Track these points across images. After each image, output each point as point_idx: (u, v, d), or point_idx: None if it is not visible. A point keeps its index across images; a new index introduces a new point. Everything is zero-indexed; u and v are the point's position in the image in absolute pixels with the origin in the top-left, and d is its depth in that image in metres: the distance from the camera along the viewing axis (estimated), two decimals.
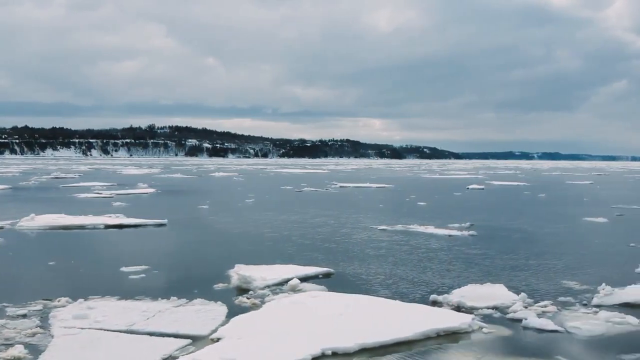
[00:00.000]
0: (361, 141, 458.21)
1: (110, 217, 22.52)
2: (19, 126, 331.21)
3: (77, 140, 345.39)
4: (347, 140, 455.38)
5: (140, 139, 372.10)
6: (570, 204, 34.86)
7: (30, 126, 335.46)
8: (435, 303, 10.47)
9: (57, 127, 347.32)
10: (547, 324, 9.12)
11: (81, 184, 50.47)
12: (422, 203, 33.47)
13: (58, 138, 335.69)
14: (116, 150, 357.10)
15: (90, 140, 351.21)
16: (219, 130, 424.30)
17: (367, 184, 55.58)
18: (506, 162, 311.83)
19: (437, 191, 47.54)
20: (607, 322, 9.35)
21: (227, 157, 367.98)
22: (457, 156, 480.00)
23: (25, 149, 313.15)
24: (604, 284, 11.72)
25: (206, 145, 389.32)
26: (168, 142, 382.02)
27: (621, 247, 17.56)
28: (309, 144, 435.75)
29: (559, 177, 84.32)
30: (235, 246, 17.38)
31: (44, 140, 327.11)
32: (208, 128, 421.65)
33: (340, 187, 51.54)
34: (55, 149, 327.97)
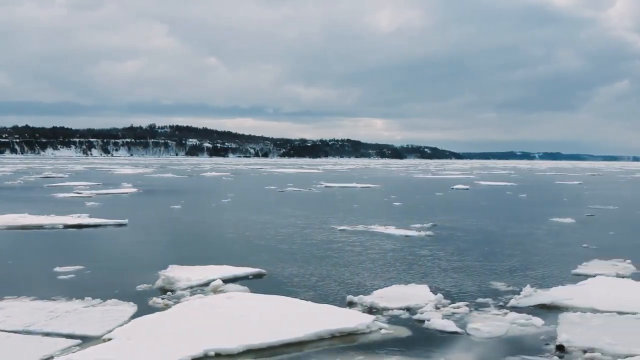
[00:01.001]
0: (362, 141, 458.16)
1: (72, 217, 22.57)
2: (20, 125, 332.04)
3: (77, 140, 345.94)
4: (348, 140, 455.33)
5: (140, 138, 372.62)
6: (547, 204, 34.78)
7: (30, 126, 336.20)
8: (350, 304, 10.48)
9: (58, 126, 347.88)
10: (449, 325, 9.13)
11: (67, 183, 50.56)
12: (397, 203, 33.46)
13: (58, 137, 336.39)
14: (117, 150, 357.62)
15: (91, 140, 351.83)
16: (219, 130, 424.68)
17: (354, 184, 55.61)
18: (506, 162, 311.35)
19: (420, 191, 47.53)
20: (512, 323, 9.35)
21: (228, 156, 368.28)
22: (458, 156, 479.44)
23: (26, 149, 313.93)
24: (528, 286, 11.76)
25: (206, 145, 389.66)
26: (169, 141, 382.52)
27: (572, 248, 17.53)
28: (309, 144, 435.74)
29: (551, 177, 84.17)
30: (181, 246, 17.42)
31: (44, 140, 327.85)
32: (209, 128, 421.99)
33: (326, 187, 51.54)
34: (55, 148, 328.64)
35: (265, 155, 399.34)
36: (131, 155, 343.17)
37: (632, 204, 36.34)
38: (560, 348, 8.15)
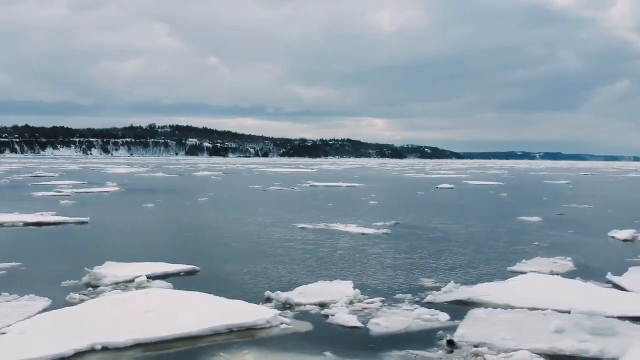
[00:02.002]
0: (362, 141, 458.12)
1: (36, 215, 22.69)
2: (20, 125, 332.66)
3: (77, 140, 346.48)
4: (348, 140, 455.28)
5: (140, 138, 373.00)
6: (523, 203, 34.78)
7: (31, 125, 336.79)
8: (267, 300, 10.55)
9: (58, 126, 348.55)
10: (351, 320, 9.21)
11: (52, 182, 50.73)
12: (373, 202, 33.51)
13: (58, 137, 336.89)
14: (117, 150, 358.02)
15: (91, 140, 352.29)
16: (219, 129, 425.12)
17: (340, 183, 55.68)
18: (506, 162, 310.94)
19: (402, 191, 47.59)
20: (416, 319, 9.43)
21: (228, 156, 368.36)
22: (459, 156, 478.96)
23: (26, 149, 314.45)
24: (452, 282, 11.84)
25: (207, 144, 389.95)
26: (169, 141, 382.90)
27: (522, 247, 17.56)
28: (309, 144, 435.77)
29: (543, 177, 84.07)
30: (128, 244, 17.49)
31: (44, 140, 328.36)
32: (209, 128, 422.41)
33: (311, 186, 51.65)
34: (55, 148, 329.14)
35: (266, 155, 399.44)
36: (131, 155, 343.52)
37: (608, 203, 36.33)
38: (451, 343, 8.21)
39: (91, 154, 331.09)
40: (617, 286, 12.05)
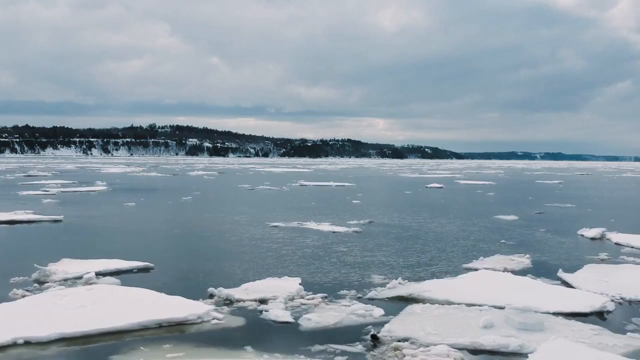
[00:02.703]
0: (362, 141, 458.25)
1: (10, 214, 22.77)
2: (20, 125, 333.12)
3: (77, 140, 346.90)
4: (349, 140, 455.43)
5: (141, 138, 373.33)
6: (506, 203, 34.83)
7: (31, 125, 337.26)
8: (210, 296, 10.61)
9: (58, 126, 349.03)
10: (283, 315, 9.28)
11: (43, 182, 50.80)
12: (356, 201, 33.56)
13: (58, 137, 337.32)
14: (117, 150, 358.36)
15: (91, 140, 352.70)
16: (220, 129, 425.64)
17: (331, 183, 55.78)
18: (506, 162, 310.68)
19: (391, 190, 47.60)
20: (350, 314, 9.49)
21: (228, 156, 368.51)
22: (459, 156, 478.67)
23: (26, 148, 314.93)
24: (400, 278, 11.92)
25: (207, 144, 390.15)
26: (169, 141, 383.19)
27: (487, 244, 17.61)
28: (309, 144, 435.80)
29: (537, 176, 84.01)
30: (92, 241, 17.60)
31: (44, 140, 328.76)
32: (209, 127, 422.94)
33: (300, 185, 51.75)
34: (55, 148, 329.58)
35: (266, 155, 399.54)
36: (131, 155, 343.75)
37: (591, 202, 36.36)
38: (374, 337, 8.27)
39: (91, 154, 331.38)
40: (565, 283, 12.09)
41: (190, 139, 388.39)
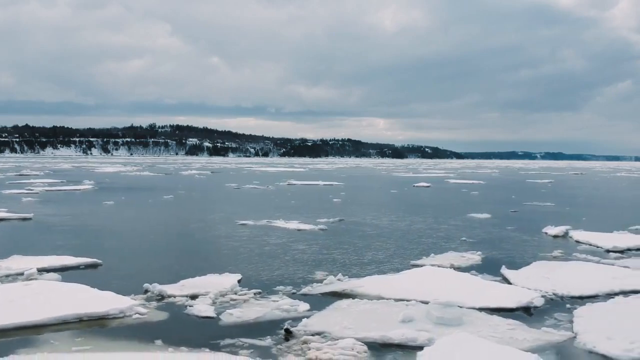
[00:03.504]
0: (363, 140, 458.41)
1: None
2: (20, 125, 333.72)
3: (77, 139, 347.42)
4: (349, 140, 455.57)
5: (141, 138, 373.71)
6: (486, 201, 34.89)
7: (31, 125, 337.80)
8: (145, 291, 10.71)
9: (58, 126, 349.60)
10: (207, 310, 9.38)
11: (31, 181, 50.98)
12: (337, 200, 33.64)
13: (58, 137, 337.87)
14: (117, 150, 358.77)
15: (91, 139, 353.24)
16: (220, 129, 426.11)
17: (319, 182, 55.91)
18: (505, 162, 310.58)
19: (376, 189, 47.68)
20: (274, 309, 9.58)
21: (228, 156, 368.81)
22: (459, 156, 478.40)
23: (26, 148, 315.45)
24: (340, 275, 12.06)
25: (206, 144, 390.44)
26: (169, 141, 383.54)
27: (447, 242, 17.67)
28: (310, 144, 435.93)
29: (530, 176, 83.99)
30: (51, 238, 17.59)
31: (44, 139, 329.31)
32: (209, 127, 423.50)
33: (288, 184, 51.85)
34: (55, 147, 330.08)
35: (266, 154, 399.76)
36: (131, 154, 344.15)
37: (571, 201, 36.43)
38: (287, 331, 8.35)
39: (91, 154, 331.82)
40: (505, 279, 12.17)
41: (190, 139, 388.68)
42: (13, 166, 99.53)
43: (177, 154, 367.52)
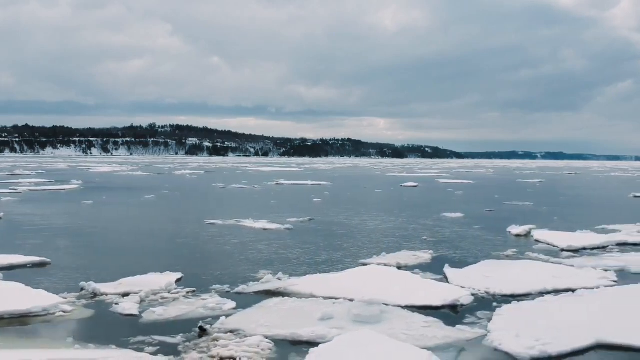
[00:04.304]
0: (363, 140, 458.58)
1: None
2: (20, 125, 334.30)
3: (77, 139, 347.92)
4: (349, 140, 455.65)
5: (140, 137, 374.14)
6: (466, 201, 34.95)
7: (31, 125, 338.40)
8: (81, 289, 10.81)
9: (58, 125, 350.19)
10: (130, 308, 9.48)
11: (21, 180, 51.18)
12: (317, 199, 33.74)
13: (58, 137, 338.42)
14: (116, 149, 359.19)
15: (91, 139, 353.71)
16: (220, 129, 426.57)
17: (308, 182, 56.07)
18: (505, 161, 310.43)
19: (362, 189, 47.76)
20: (199, 307, 9.68)
21: (228, 156, 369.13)
22: (459, 156, 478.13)
23: (26, 148, 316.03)
24: (281, 273, 12.13)
25: (206, 144, 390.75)
26: (169, 141, 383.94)
27: (406, 241, 17.70)
28: (310, 143, 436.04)
29: (523, 175, 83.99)
30: (9, 237, 17.71)
31: (44, 139, 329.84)
32: (209, 127, 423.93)
33: (276, 184, 51.96)
34: (55, 147, 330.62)
35: (266, 154, 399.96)
36: (131, 154, 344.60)
37: (551, 200, 36.48)
38: (202, 329, 8.44)
39: (91, 154, 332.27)
40: (445, 278, 12.21)
41: (190, 139, 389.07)
42: (8, 166, 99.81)
43: (177, 153, 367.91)
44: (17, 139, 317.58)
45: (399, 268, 13.29)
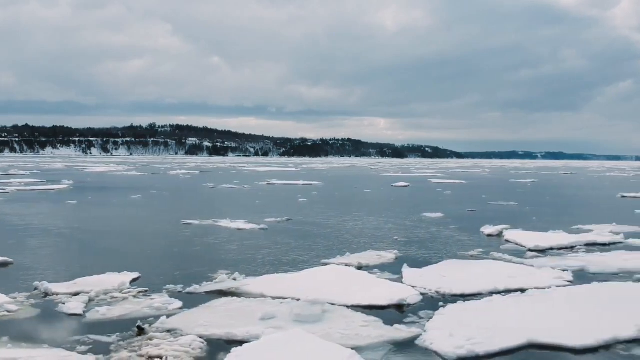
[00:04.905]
0: (363, 140, 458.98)
1: None
2: (20, 125, 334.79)
3: (77, 139, 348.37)
4: (349, 140, 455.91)
5: (140, 137, 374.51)
6: (450, 201, 35.00)
7: (30, 125, 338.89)
8: (35, 289, 10.89)
9: (58, 125, 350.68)
10: (76, 307, 9.57)
11: (12, 180, 51.34)
12: (302, 199, 33.81)
13: (58, 137, 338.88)
14: (116, 149, 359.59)
15: (91, 139, 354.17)
16: (220, 129, 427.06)
17: (300, 181, 56.21)
18: (505, 161, 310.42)
19: (351, 189, 47.83)
20: (145, 307, 9.76)
21: (227, 155, 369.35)
22: (460, 155, 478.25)
23: (26, 148, 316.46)
24: (237, 273, 12.17)
25: (206, 144, 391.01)
26: (169, 140, 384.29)
27: (375, 241, 17.77)
28: (310, 143, 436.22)
29: (518, 175, 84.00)
30: None
31: (44, 139, 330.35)
32: (209, 127, 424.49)
33: (267, 184, 52.05)
34: (55, 147, 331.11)
35: (265, 154, 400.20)
36: (131, 154, 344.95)
37: (537, 201, 36.53)
38: (140, 328, 8.51)
39: (90, 154, 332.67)
40: (399, 279, 12.23)
41: (190, 139, 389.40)
42: (5, 166, 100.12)
43: (176, 153, 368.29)
44: (17, 139, 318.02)
45: (360, 268, 13.34)
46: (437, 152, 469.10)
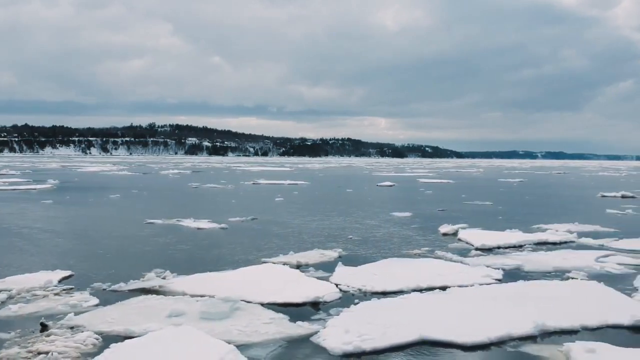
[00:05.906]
0: (363, 140, 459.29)
1: None
2: (19, 124, 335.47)
3: (76, 139, 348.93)
4: (349, 139, 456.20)
5: (140, 137, 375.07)
6: (425, 201, 35.08)
7: (30, 124, 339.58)
8: None
9: (58, 125, 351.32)
10: (22, 309, 9.65)
11: (2, 180, 51.58)
12: (280, 199, 33.97)
13: (58, 136, 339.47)
14: (116, 149, 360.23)
15: (90, 139, 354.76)
16: (220, 129, 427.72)
17: (287, 181, 56.31)
18: (503, 161, 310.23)
19: (335, 189, 47.91)
20: (60, 304, 9.88)
21: (227, 155, 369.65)
22: (460, 155, 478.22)
23: (25, 147, 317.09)
24: (168, 272, 12.25)
25: (206, 144, 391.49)
26: (168, 140, 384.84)
27: (328, 240, 17.85)
28: (309, 143, 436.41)
29: (512, 175, 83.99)
30: None
31: (43, 139, 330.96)
32: (209, 127, 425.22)
33: (253, 184, 52.19)
34: (54, 147, 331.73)
35: (265, 154, 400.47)
36: (130, 154, 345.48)
37: (514, 200, 36.63)
38: (43, 325, 8.63)
39: (90, 153, 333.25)
40: (329, 277, 12.32)
41: (190, 138, 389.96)
42: (2, 165, 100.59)
43: (176, 153, 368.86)
44: (17, 139, 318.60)
45: (298, 267, 13.46)
46: (437, 152, 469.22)
